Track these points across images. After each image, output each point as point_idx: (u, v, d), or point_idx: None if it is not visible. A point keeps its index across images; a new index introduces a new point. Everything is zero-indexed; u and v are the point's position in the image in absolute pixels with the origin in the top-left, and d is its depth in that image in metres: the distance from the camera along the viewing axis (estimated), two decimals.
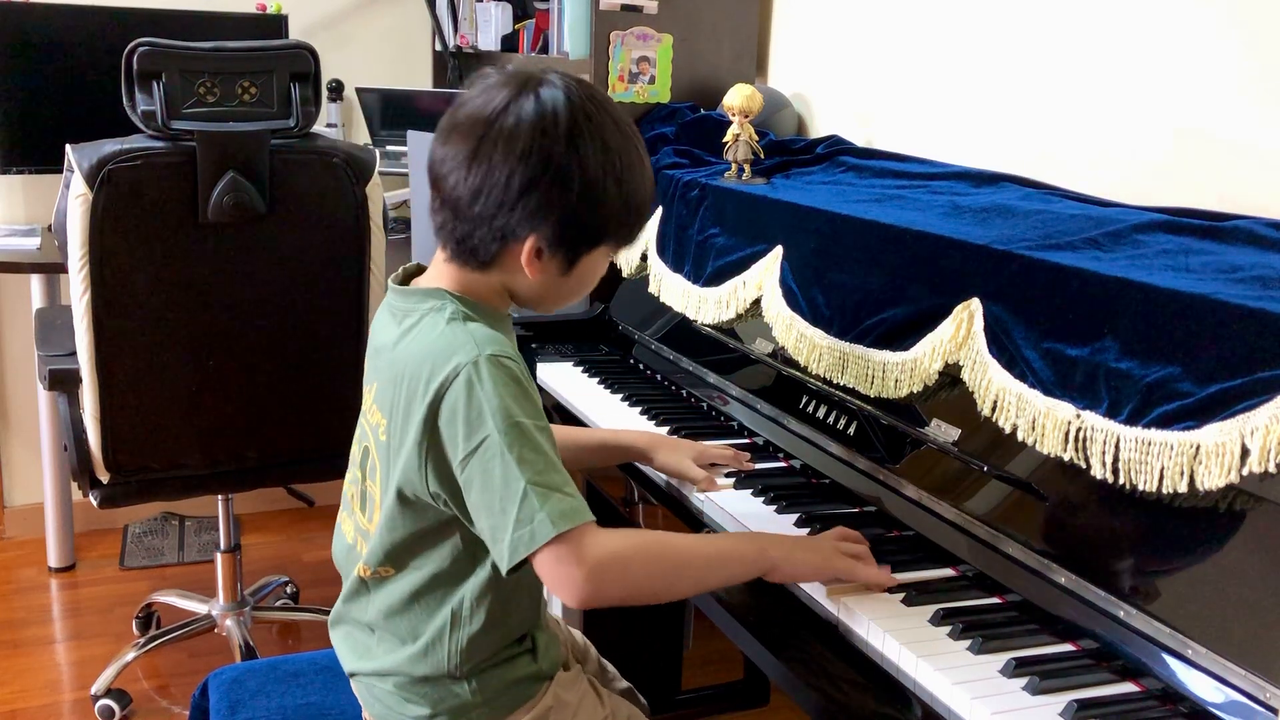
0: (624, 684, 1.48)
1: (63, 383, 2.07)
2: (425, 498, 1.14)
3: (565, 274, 1.18)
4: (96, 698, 2.33)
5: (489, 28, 2.95)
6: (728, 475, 1.52)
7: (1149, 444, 1.09)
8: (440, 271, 1.20)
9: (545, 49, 2.71)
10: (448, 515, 1.14)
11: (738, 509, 1.42)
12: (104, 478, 2.08)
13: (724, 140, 1.98)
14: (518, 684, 1.23)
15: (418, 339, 1.15)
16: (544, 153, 1.11)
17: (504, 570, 1.08)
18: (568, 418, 1.86)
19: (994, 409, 1.28)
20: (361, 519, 1.26)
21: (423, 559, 1.18)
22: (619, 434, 1.61)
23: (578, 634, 1.46)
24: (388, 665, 1.22)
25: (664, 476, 1.56)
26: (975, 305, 1.35)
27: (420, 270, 1.25)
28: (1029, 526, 1.21)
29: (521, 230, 1.13)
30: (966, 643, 1.11)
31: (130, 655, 2.41)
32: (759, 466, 1.56)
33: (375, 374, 1.23)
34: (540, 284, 1.19)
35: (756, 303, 1.74)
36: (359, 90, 3.11)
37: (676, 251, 1.99)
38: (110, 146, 1.91)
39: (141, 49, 1.92)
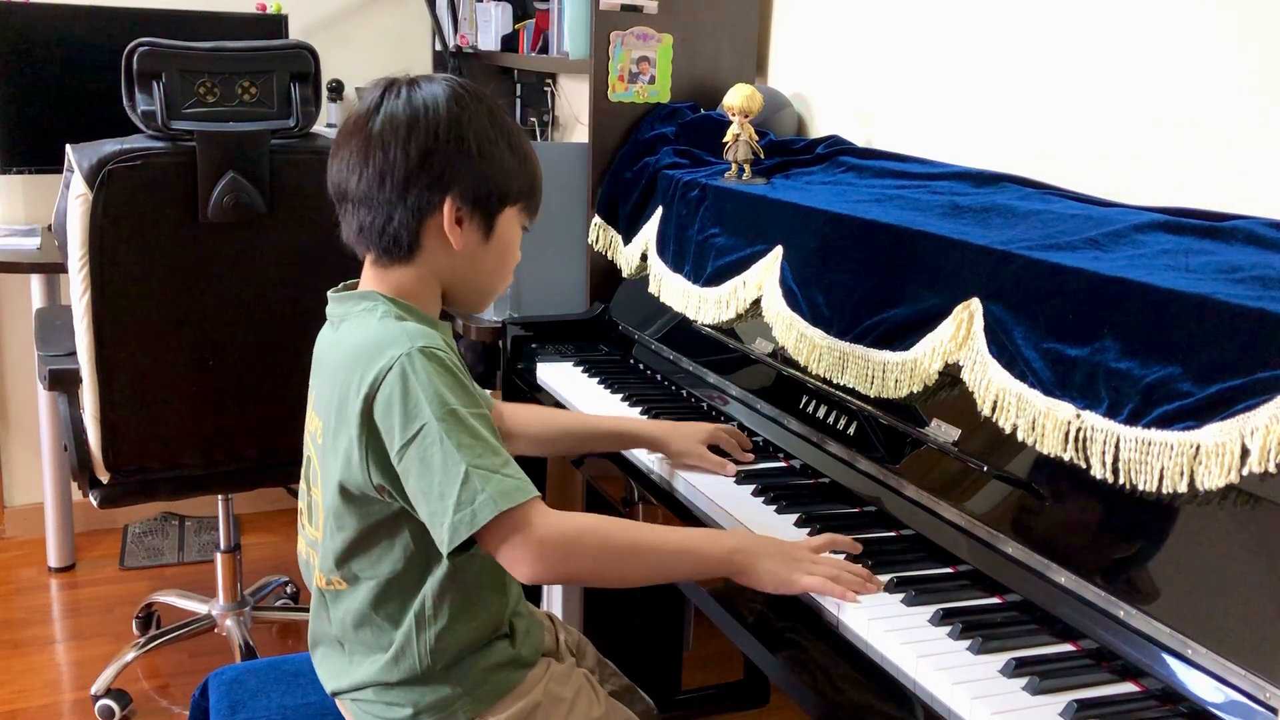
0: (624, 681, 1.48)
1: (63, 383, 2.07)
2: (370, 492, 1.15)
3: (486, 239, 1.21)
4: (96, 698, 2.33)
5: (489, 28, 2.95)
6: (736, 468, 1.54)
7: (1149, 444, 1.09)
8: (370, 276, 1.23)
9: (545, 49, 2.71)
10: (395, 509, 1.15)
11: (737, 509, 1.42)
12: (104, 478, 2.08)
13: (724, 140, 1.98)
14: (497, 670, 1.23)
15: (349, 338, 1.18)
16: (432, 122, 1.16)
17: (444, 553, 1.09)
18: None
19: (994, 409, 1.28)
20: (310, 530, 1.27)
21: (375, 565, 1.19)
22: (630, 422, 1.63)
23: (574, 630, 1.46)
24: (363, 678, 1.23)
25: (660, 473, 1.56)
26: (975, 305, 1.35)
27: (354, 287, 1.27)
28: (1029, 526, 1.21)
29: (435, 197, 1.17)
30: (966, 643, 1.11)
31: (130, 655, 2.41)
32: (759, 466, 1.56)
33: (314, 383, 1.25)
34: (466, 257, 1.21)
35: (756, 303, 1.74)
36: (359, 90, 3.11)
37: (676, 251, 1.99)
38: (110, 146, 1.91)
39: (141, 49, 1.92)
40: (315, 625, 1.29)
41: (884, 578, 1.23)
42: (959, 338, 1.36)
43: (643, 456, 1.63)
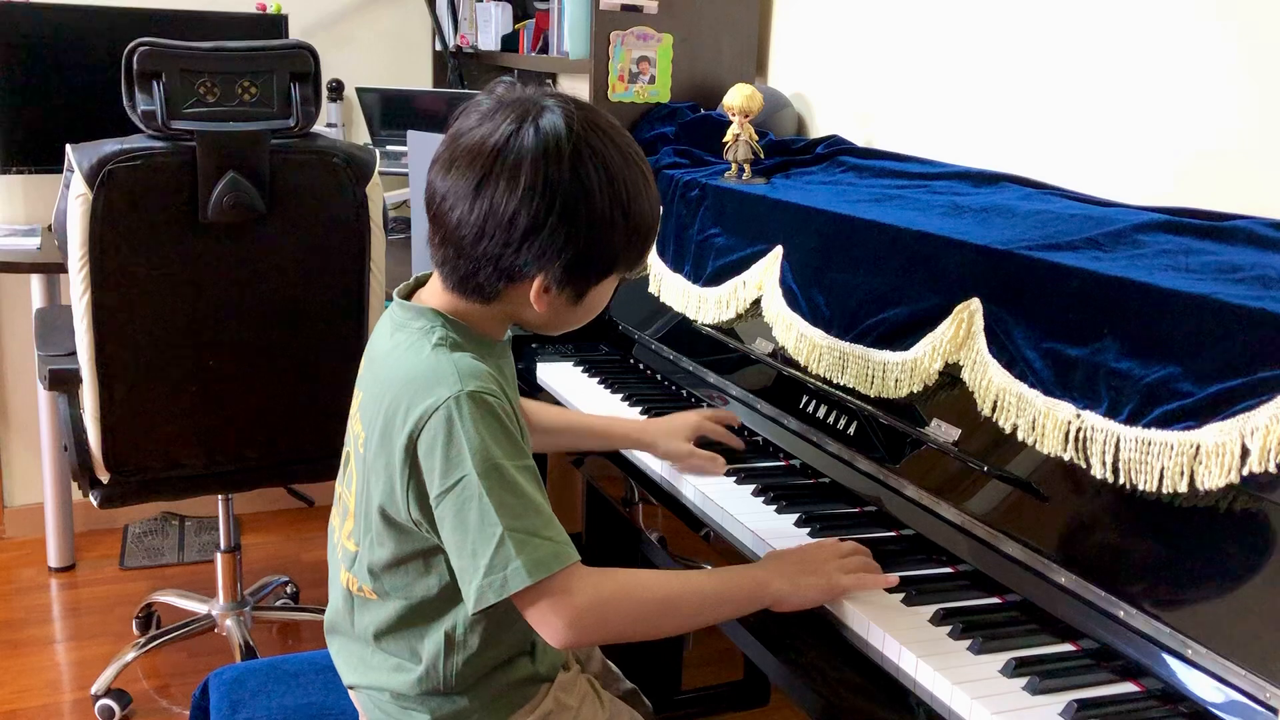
0: (628, 685, 1.48)
1: (63, 383, 2.07)
2: (408, 523, 1.13)
3: (575, 304, 1.18)
4: (96, 698, 2.33)
5: (489, 28, 2.95)
6: (729, 467, 1.53)
7: (1149, 444, 1.10)
8: (439, 295, 1.18)
9: (545, 49, 2.71)
10: (432, 543, 1.13)
11: (738, 509, 1.42)
12: (104, 478, 2.08)
13: (724, 140, 1.98)
14: (516, 686, 1.23)
15: (403, 360, 1.14)
16: (548, 191, 1.08)
17: (470, 611, 1.08)
18: None
19: (994, 409, 1.28)
20: (341, 526, 1.26)
21: (409, 586, 1.17)
22: (616, 422, 1.62)
23: None
24: (382, 683, 1.22)
25: (660, 473, 1.56)
26: (975, 305, 1.35)
27: (424, 282, 1.24)
28: (1029, 526, 1.21)
29: (529, 270, 1.11)
30: (967, 643, 1.11)
31: (130, 655, 2.41)
32: (759, 466, 1.56)
33: (364, 382, 1.22)
34: (548, 315, 1.18)
35: (756, 303, 1.74)
36: (359, 90, 3.11)
37: (676, 251, 1.99)
38: (110, 146, 1.91)
39: (141, 49, 1.92)
40: (335, 617, 1.28)
41: None
42: (959, 338, 1.36)
43: (643, 456, 1.63)
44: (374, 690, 1.24)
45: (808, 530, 1.36)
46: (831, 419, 1.54)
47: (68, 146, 1.93)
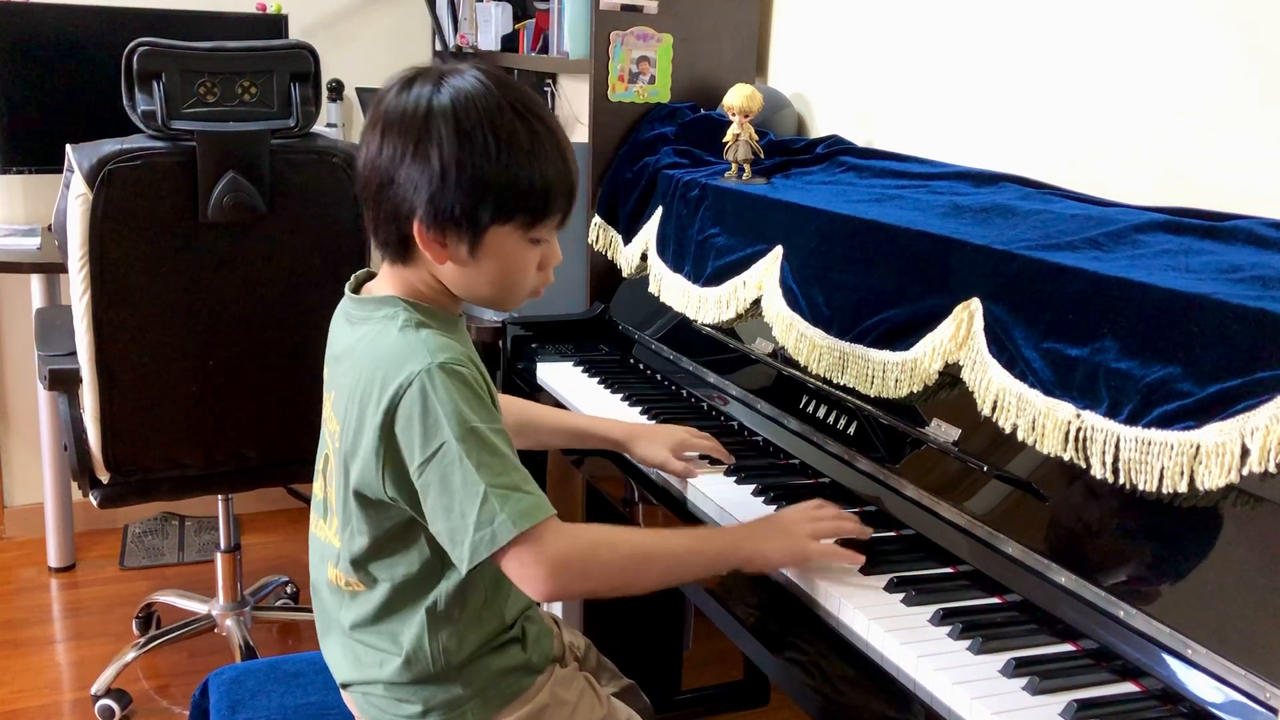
0: (625, 681, 1.48)
1: (63, 383, 2.07)
2: (384, 499, 1.15)
3: (474, 256, 1.14)
4: (96, 698, 2.33)
5: (489, 28, 2.95)
6: (714, 464, 1.54)
7: (1149, 444, 1.09)
8: (386, 278, 1.21)
9: (545, 49, 2.71)
10: (407, 516, 1.15)
11: (737, 509, 1.42)
12: (104, 477, 2.08)
13: (724, 140, 1.98)
14: (507, 675, 1.24)
15: (371, 346, 1.16)
16: (404, 128, 1.11)
17: (462, 570, 1.10)
18: None
19: (994, 409, 1.28)
20: (324, 525, 1.27)
21: (390, 568, 1.19)
22: (598, 422, 1.62)
23: (578, 635, 1.47)
24: (374, 675, 1.23)
25: (661, 474, 1.56)
26: (975, 305, 1.35)
27: (371, 276, 1.25)
28: (1029, 526, 1.21)
29: (404, 208, 1.12)
30: (966, 643, 1.11)
31: (130, 655, 2.41)
32: (759, 465, 1.56)
33: (333, 381, 1.23)
34: (457, 272, 1.16)
35: (756, 303, 1.74)
36: (359, 90, 3.11)
37: (676, 251, 1.99)
38: (110, 146, 1.91)
39: (141, 49, 1.92)
40: (324, 617, 1.29)
41: (884, 578, 1.23)
42: (959, 337, 1.36)
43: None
44: (366, 685, 1.24)
45: None
46: (831, 419, 1.54)
47: (68, 146, 1.93)
